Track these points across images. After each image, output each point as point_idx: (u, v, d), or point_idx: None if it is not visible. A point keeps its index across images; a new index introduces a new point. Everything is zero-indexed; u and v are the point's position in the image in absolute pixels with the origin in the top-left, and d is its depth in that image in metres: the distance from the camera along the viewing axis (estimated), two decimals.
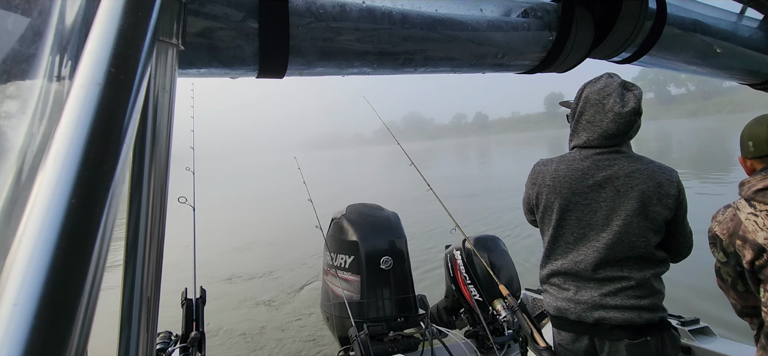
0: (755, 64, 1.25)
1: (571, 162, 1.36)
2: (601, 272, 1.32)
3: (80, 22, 0.29)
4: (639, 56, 1.08)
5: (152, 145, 0.42)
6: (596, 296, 1.32)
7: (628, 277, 1.29)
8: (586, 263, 1.34)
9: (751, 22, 1.22)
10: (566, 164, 1.37)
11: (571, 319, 1.36)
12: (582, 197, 1.34)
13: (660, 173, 1.28)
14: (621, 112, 1.28)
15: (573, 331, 1.38)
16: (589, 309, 1.33)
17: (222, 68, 0.68)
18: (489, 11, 0.88)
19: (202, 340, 1.42)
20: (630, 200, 1.28)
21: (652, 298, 1.28)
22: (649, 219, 1.27)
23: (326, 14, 0.70)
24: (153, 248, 0.41)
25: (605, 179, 1.30)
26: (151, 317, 0.41)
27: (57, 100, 0.28)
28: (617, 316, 1.28)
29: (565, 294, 1.38)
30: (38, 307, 0.16)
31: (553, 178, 1.38)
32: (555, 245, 1.41)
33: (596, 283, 1.33)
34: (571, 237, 1.37)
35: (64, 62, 0.29)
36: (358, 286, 1.87)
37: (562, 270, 1.39)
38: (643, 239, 1.27)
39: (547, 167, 1.42)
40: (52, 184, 0.19)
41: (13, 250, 0.17)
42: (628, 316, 1.28)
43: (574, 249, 1.36)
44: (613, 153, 1.31)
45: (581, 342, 1.36)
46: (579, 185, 1.33)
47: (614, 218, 1.29)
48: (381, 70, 0.83)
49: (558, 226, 1.39)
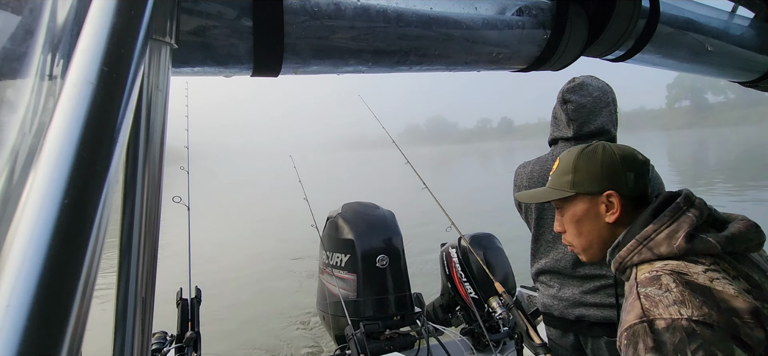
0: (746, 62, 1.26)
1: (544, 163, 1.43)
2: (581, 270, 1.36)
3: (72, 20, 0.29)
4: (632, 54, 1.09)
5: (146, 144, 0.42)
6: (577, 293, 1.36)
7: (606, 276, 1.31)
8: (565, 261, 1.38)
9: (742, 21, 1.23)
10: (540, 165, 1.44)
11: (556, 316, 1.42)
12: None
13: None
14: (576, 106, 1.37)
15: (558, 328, 1.43)
16: (571, 306, 1.37)
17: (216, 67, 0.68)
18: (484, 9, 0.88)
19: (197, 340, 1.42)
20: None
21: None
22: None
23: (321, 13, 0.69)
24: (147, 248, 0.41)
25: None
26: (146, 317, 0.41)
27: (49, 99, 0.28)
28: (596, 314, 1.31)
29: (550, 291, 1.43)
30: (31, 309, 0.16)
31: (528, 179, 1.46)
32: (538, 244, 1.47)
33: (578, 281, 1.37)
34: (550, 236, 1.43)
35: (56, 61, 0.29)
36: (354, 284, 1.87)
37: (547, 268, 1.44)
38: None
39: (524, 169, 1.50)
40: (45, 184, 0.19)
41: (5, 251, 0.17)
42: (606, 314, 1.31)
43: (554, 248, 1.42)
44: None
45: (568, 338, 1.41)
46: None
47: None
48: (376, 69, 0.83)
49: (538, 226, 1.45)
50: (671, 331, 0.57)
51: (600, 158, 0.80)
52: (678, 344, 0.56)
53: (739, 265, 0.67)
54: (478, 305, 1.97)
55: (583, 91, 1.39)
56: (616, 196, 0.78)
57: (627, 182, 0.78)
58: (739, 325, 0.58)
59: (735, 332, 0.57)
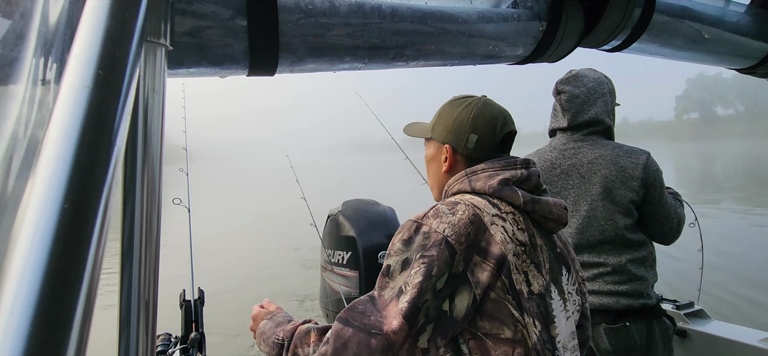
0: (742, 49, 1.26)
1: (543, 153, 1.47)
2: (579, 257, 1.39)
3: (64, 24, 0.29)
4: (629, 44, 1.09)
5: (144, 147, 0.42)
6: None
7: (604, 263, 1.33)
8: None
9: (737, 7, 1.23)
10: (539, 157, 1.47)
11: None
12: (552, 185, 1.42)
13: (625, 158, 1.33)
14: (569, 96, 1.39)
15: None
16: None
17: (212, 67, 0.68)
18: (479, 3, 0.88)
19: (201, 341, 1.42)
20: (594, 186, 1.34)
21: (631, 284, 1.32)
22: (615, 202, 1.32)
23: (315, 10, 0.69)
24: (149, 251, 0.41)
25: (570, 167, 1.39)
26: (150, 319, 0.41)
27: (42, 103, 0.28)
28: (594, 301, 1.33)
29: None
30: (35, 314, 0.16)
31: None
32: None
33: None
34: None
35: (49, 65, 0.29)
36: (356, 281, 1.88)
37: None
38: (610, 222, 1.32)
39: None
40: (44, 189, 0.19)
41: (7, 257, 0.17)
42: (605, 301, 1.32)
43: None
44: (579, 141, 1.40)
45: None
46: (548, 175, 1.42)
47: (581, 203, 1.36)
48: (372, 65, 0.83)
49: None
50: (425, 235, 0.68)
51: (457, 112, 0.82)
52: (421, 244, 0.67)
53: (531, 226, 0.75)
54: None
55: (578, 81, 1.41)
56: (450, 151, 0.82)
57: (467, 142, 0.80)
58: (477, 262, 0.68)
59: (467, 265, 0.67)
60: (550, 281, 0.74)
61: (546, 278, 0.73)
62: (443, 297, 0.66)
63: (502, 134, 0.81)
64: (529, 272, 0.71)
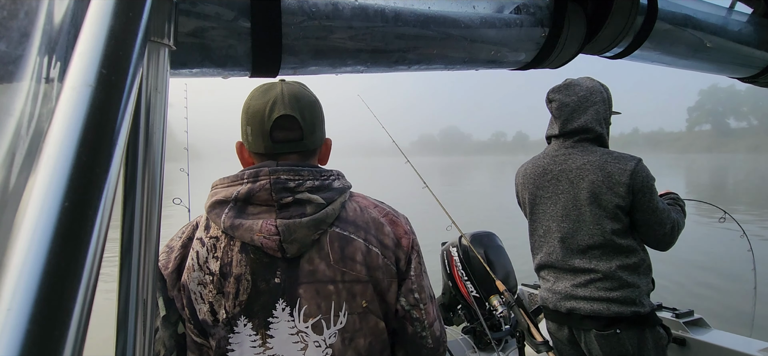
0: (744, 58, 1.26)
1: (536, 160, 1.51)
2: (570, 263, 1.40)
3: (68, 23, 0.29)
4: (631, 51, 1.09)
5: (145, 146, 0.42)
6: (569, 287, 1.40)
7: (594, 269, 1.34)
8: (556, 254, 1.43)
9: (740, 17, 1.24)
10: (532, 163, 1.52)
11: (551, 308, 1.47)
12: (544, 190, 1.45)
13: (613, 164, 1.34)
14: (559, 105, 1.42)
15: (554, 321, 1.48)
16: (563, 299, 1.41)
17: (214, 68, 0.68)
18: (481, 8, 0.88)
19: None
20: (582, 191, 1.36)
21: (622, 291, 1.32)
22: (602, 207, 1.33)
23: (319, 13, 0.69)
24: (149, 251, 0.41)
25: (560, 172, 1.42)
26: (148, 319, 0.41)
27: (45, 102, 0.28)
28: (585, 307, 1.35)
29: (547, 284, 1.48)
30: (33, 312, 0.16)
31: (523, 177, 1.54)
32: (533, 238, 1.53)
33: (570, 274, 1.40)
34: (541, 230, 1.48)
35: (53, 64, 0.29)
36: None
37: (543, 263, 1.49)
38: (598, 227, 1.33)
39: (522, 168, 1.58)
40: (45, 187, 0.19)
41: (7, 255, 0.17)
42: (595, 307, 1.33)
43: (545, 242, 1.47)
44: (570, 148, 1.42)
45: (563, 331, 1.45)
46: (541, 180, 1.46)
47: (571, 208, 1.38)
48: (374, 68, 0.83)
49: (532, 221, 1.52)
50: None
51: (251, 101, 0.75)
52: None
53: (234, 253, 0.70)
54: (480, 303, 1.97)
55: (569, 90, 1.43)
56: (238, 147, 0.80)
57: (246, 134, 0.76)
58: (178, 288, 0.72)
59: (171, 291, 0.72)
60: (239, 313, 0.68)
61: (234, 311, 0.68)
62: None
63: (270, 123, 0.72)
64: (216, 302, 0.69)
